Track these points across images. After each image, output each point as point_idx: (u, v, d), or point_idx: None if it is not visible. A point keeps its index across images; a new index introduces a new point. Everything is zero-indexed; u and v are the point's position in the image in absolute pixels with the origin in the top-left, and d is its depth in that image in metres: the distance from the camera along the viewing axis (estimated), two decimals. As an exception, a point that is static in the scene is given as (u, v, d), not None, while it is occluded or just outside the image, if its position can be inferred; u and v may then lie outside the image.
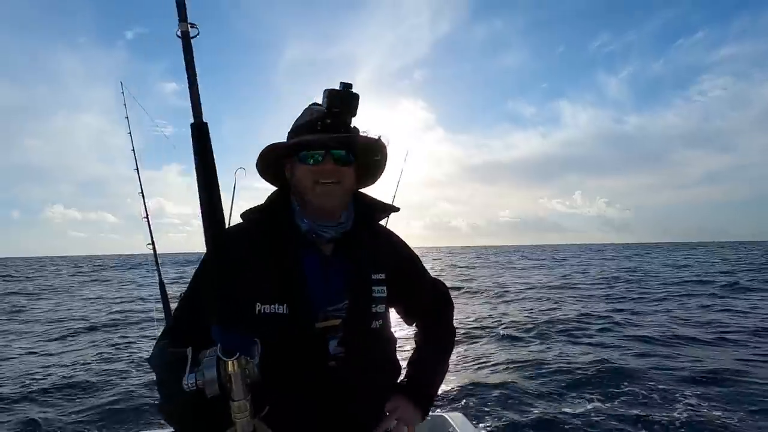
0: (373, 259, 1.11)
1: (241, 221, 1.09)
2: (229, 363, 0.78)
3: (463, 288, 16.53)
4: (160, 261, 2.66)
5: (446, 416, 2.01)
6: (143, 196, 2.74)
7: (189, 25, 0.81)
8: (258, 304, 0.97)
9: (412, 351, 1.25)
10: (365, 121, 1.08)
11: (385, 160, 1.13)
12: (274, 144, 1.04)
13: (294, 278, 1.01)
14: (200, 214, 0.83)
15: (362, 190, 1.19)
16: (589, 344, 7.49)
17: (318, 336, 1.00)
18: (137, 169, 2.81)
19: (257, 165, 1.09)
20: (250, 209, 1.09)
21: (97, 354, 7.29)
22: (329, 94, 0.98)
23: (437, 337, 1.26)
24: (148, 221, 2.70)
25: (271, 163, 1.09)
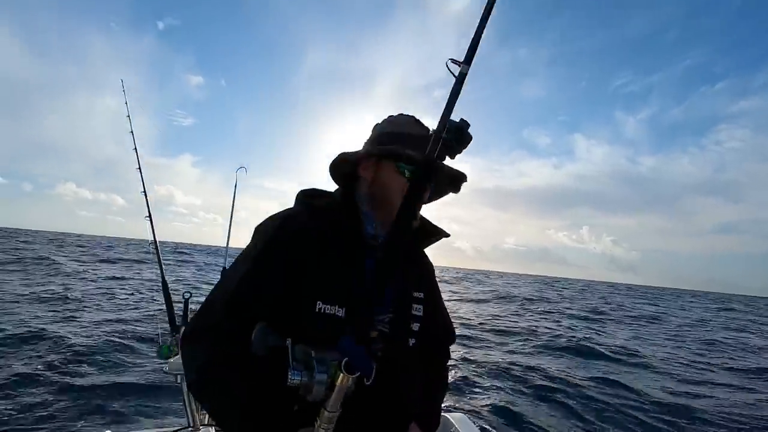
0: (417, 277, 1.14)
1: (297, 207, 1.07)
2: (344, 376, 0.77)
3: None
4: (163, 256, 2.66)
5: (448, 416, 2.01)
6: (146, 195, 2.75)
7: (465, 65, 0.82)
8: (319, 302, 0.95)
9: (426, 388, 1.25)
10: None
11: (453, 192, 1.16)
12: (382, 147, 1.04)
13: (357, 282, 0.98)
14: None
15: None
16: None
17: (368, 344, 0.98)
18: (139, 168, 2.83)
19: (337, 158, 1.05)
20: (314, 195, 1.07)
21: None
22: (453, 124, 0.89)
23: (442, 371, 1.29)
24: (151, 221, 2.70)
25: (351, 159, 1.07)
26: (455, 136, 0.88)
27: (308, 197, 1.07)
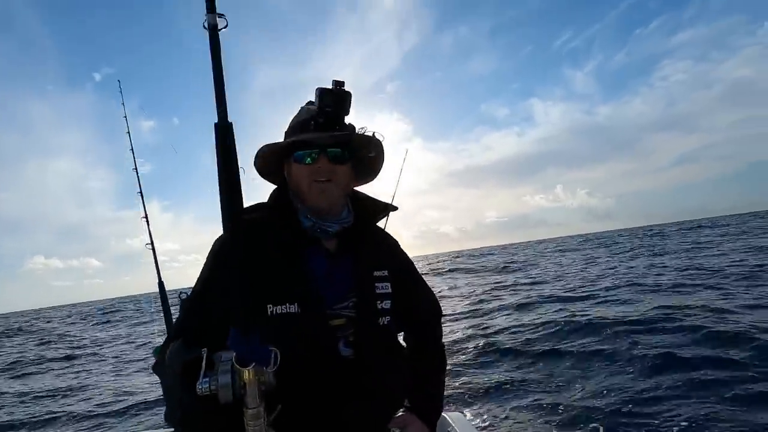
0: (374, 256, 1.12)
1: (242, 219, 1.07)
2: (245, 372, 0.76)
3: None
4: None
5: (446, 416, 1.99)
6: (142, 195, 2.74)
7: (217, 17, 0.76)
8: (270, 305, 0.95)
9: (420, 375, 1.21)
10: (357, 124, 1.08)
11: (382, 157, 1.14)
12: (270, 144, 1.04)
13: (304, 276, 1.00)
14: (221, 218, 0.82)
15: (360, 189, 1.20)
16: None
17: (330, 334, 0.99)
18: (136, 169, 2.82)
19: (255, 164, 1.09)
20: (251, 207, 1.08)
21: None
22: (321, 92, 0.97)
23: (436, 352, 1.27)
24: (147, 221, 2.70)
25: (271, 162, 1.09)
26: (327, 99, 0.95)
27: (246, 213, 1.06)
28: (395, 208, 1.18)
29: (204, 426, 0.87)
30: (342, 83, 0.97)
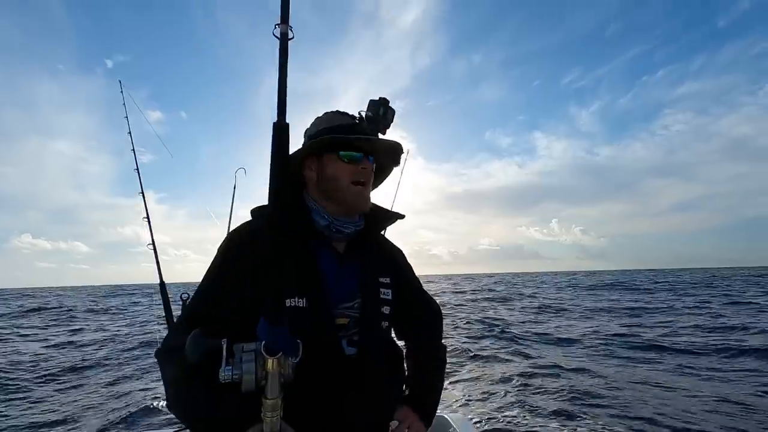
0: (380, 263, 1.16)
1: (251, 218, 1.09)
2: (270, 361, 0.77)
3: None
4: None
5: (447, 417, 2.01)
6: (143, 195, 2.74)
7: (289, 27, 0.81)
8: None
9: (408, 364, 1.26)
10: None
11: (395, 166, 1.20)
12: (329, 135, 1.05)
13: (314, 273, 1.03)
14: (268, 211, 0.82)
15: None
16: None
17: (335, 331, 1.02)
18: (137, 169, 2.81)
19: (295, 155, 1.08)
20: (263, 206, 1.09)
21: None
22: (373, 103, 1.04)
23: (435, 350, 1.29)
24: (149, 220, 2.70)
25: (297, 157, 1.09)
26: (376, 110, 1.02)
27: (259, 210, 1.09)
28: (402, 217, 1.20)
29: (217, 416, 0.87)
30: (388, 100, 1.04)
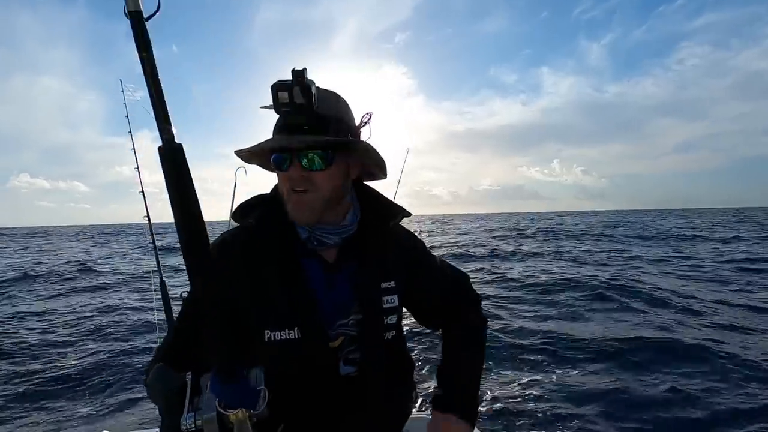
0: (381, 265, 1.01)
1: (236, 225, 1.01)
2: (231, 414, 0.71)
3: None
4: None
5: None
6: (144, 196, 2.88)
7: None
8: (267, 331, 0.90)
9: (442, 356, 1.10)
10: (346, 90, 0.91)
11: (376, 153, 0.96)
12: (238, 150, 0.93)
13: (304, 298, 0.93)
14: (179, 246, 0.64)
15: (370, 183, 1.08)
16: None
17: (331, 356, 0.95)
18: (138, 168, 2.94)
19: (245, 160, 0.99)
20: (253, 200, 1.01)
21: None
22: (273, 90, 0.80)
23: (464, 338, 1.10)
24: (149, 221, 2.85)
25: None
26: (285, 98, 0.80)
27: (244, 211, 0.99)
28: (409, 214, 1.05)
29: None
30: (302, 72, 0.78)
